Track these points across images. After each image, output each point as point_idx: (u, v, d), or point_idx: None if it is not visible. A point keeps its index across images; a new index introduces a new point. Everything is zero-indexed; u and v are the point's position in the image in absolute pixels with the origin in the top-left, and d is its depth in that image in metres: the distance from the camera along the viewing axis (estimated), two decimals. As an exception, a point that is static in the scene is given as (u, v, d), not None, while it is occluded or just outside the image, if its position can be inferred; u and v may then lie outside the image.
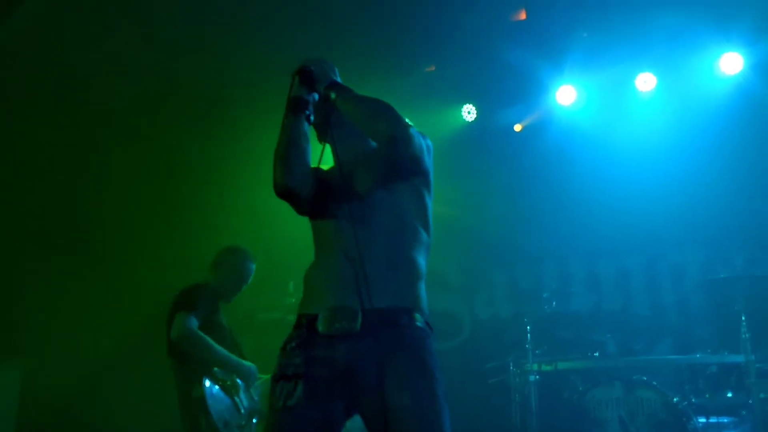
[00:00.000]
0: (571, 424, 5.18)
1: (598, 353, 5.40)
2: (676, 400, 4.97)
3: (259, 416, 4.36)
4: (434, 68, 6.76)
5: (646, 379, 5.11)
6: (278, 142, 2.53)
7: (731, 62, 6.03)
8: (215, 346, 4.18)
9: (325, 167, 2.71)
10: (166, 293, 4.49)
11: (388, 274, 2.43)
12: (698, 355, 5.13)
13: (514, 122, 6.89)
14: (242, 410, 4.25)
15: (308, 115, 2.55)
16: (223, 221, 6.41)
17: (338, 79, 2.60)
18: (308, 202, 2.58)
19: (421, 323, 2.43)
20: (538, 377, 5.36)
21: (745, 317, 4.94)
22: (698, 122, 6.11)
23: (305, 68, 2.54)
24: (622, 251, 6.57)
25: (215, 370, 4.23)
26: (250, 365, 4.36)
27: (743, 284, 5.02)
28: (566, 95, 6.53)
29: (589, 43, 6.19)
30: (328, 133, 2.66)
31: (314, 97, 2.58)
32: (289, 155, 2.51)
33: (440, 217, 3.15)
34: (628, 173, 6.25)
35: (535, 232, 6.56)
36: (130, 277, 6.10)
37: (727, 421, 5.02)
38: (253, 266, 4.62)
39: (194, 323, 4.13)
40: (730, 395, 5.00)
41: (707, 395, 5.02)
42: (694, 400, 5.02)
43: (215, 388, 4.15)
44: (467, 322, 6.94)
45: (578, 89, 6.53)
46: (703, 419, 4.98)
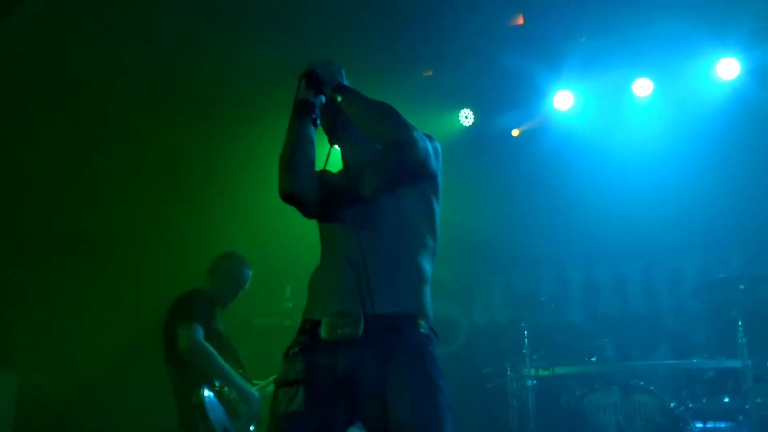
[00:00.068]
0: (568, 429, 5.18)
1: (595, 358, 5.40)
2: (673, 405, 4.97)
3: (257, 422, 4.35)
4: (432, 73, 6.76)
5: (643, 384, 5.11)
6: (284, 145, 2.51)
7: (728, 67, 6.05)
8: (222, 362, 4.15)
9: (334, 170, 2.70)
10: (163, 298, 4.47)
11: (391, 279, 2.39)
12: (695, 360, 5.14)
13: (511, 127, 6.89)
14: (241, 416, 4.24)
15: (314, 118, 2.53)
16: (220, 226, 6.41)
17: (345, 81, 2.58)
18: (314, 206, 2.56)
19: (425, 329, 2.39)
20: (535, 382, 5.36)
21: (741, 322, 4.95)
22: (695, 127, 6.13)
23: (312, 71, 2.53)
24: (619, 256, 6.58)
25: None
26: (253, 392, 4.31)
27: (740, 288, 5.02)
28: (563, 100, 6.53)
29: (586, 48, 6.20)
30: (335, 136, 2.64)
31: (321, 99, 2.56)
32: (294, 159, 2.49)
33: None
34: (625, 178, 6.26)
35: (532, 237, 6.57)
36: (127, 280, 6.10)
37: (724, 425, 5.03)
38: (249, 272, 4.61)
39: (200, 333, 4.10)
40: (727, 400, 5.00)
41: (704, 400, 5.02)
42: (691, 405, 5.02)
43: (213, 395, 4.14)
44: (464, 327, 6.93)
45: (575, 94, 6.54)
46: (700, 424, 4.98)
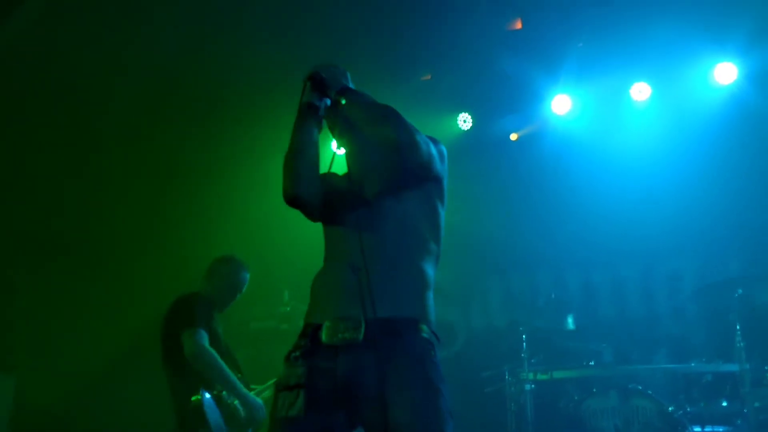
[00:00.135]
0: (566, 433, 5.19)
1: (593, 362, 5.40)
2: (671, 409, 4.97)
3: (254, 427, 4.34)
4: (430, 77, 6.77)
5: (641, 388, 5.11)
6: (288, 148, 2.52)
7: (725, 72, 6.04)
8: (227, 370, 4.14)
9: (340, 173, 2.70)
10: (161, 300, 4.47)
11: (392, 283, 2.39)
12: (693, 364, 5.14)
13: (509, 131, 6.89)
14: (239, 420, 4.23)
15: (319, 121, 2.55)
16: (219, 229, 6.40)
17: (351, 84, 2.58)
18: (318, 209, 2.55)
19: (426, 334, 2.37)
20: (533, 386, 5.36)
21: (739, 326, 4.95)
22: (693, 131, 6.13)
23: (316, 74, 2.54)
24: (617, 260, 6.58)
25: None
26: (257, 400, 4.30)
27: (738, 292, 5.03)
28: (561, 104, 6.53)
29: (584, 52, 6.21)
30: (339, 138, 2.65)
31: (326, 102, 2.57)
32: (298, 162, 2.50)
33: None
34: (623, 182, 6.26)
35: (530, 241, 6.56)
36: (125, 282, 6.09)
37: (722, 430, 5.03)
38: (246, 275, 4.60)
39: (206, 339, 4.10)
40: (725, 404, 5.00)
41: (702, 404, 5.03)
42: (689, 409, 5.02)
43: (212, 398, 4.13)
44: (462, 331, 6.93)
45: (573, 99, 6.54)
46: (698, 428, 4.98)
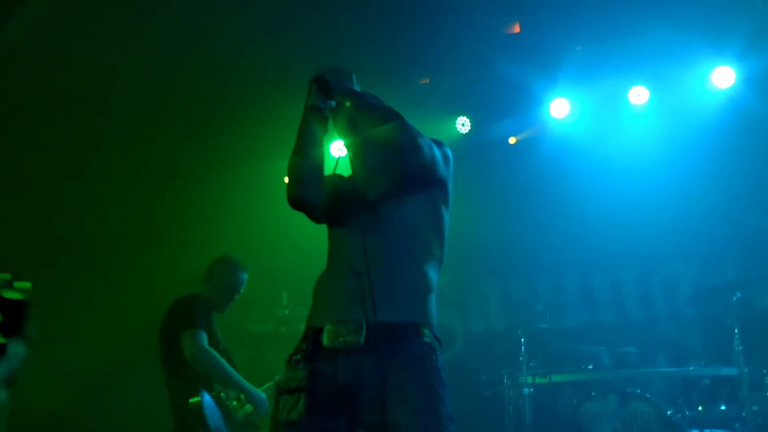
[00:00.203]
0: (565, 437, 5.17)
1: (592, 366, 5.39)
2: (670, 412, 4.96)
3: (251, 429, 4.33)
4: (429, 81, 6.78)
5: (640, 391, 5.10)
6: (293, 150, 2.52)
7: (723, 76, 6.05)
8: (228, 367, 4.14)
9: (346, 175, 2.70)
10: (159, 301, 4.48)
11: (395, 287, 2.38)
12: (692, 367, 5.13)
13: (508, 135, 6.89)
14: (236, 421, 4.23)
15: (324, 123, 2.55)
16: (218, 232, 6.40)
17: (356, 87, 2.59)
18: (322, 212, 2.56)
19: (428, 338, 2.37)
20: (532, 390, 5.34)
21: (738, 330, 4.94)
22: (691, 135, 6.14)
23: (322, 76, 2.54)
24: (615, 264, 6.58)
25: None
26: (261, 394, 4.31)
27: (736, 296, 5.02)
28: (560, 108, 6.54)
29: (582, 56, 6.22)
30: (344, 141, 2.67)
31: (331, 105, 2.58)
32: (302, 164, 2.50)
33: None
34: (621, 186, 6.26)
35: (529, 244, 6.56)
36: (123, 284, 6.08)
37: (720, 433, 5.03)
38: (245, 275, 4.61)
39: (205, 339, 4.11)
40: (723, 408, 5.00)
41: (701, 408, 5.02)
42: (687, 412, 5.01)
43: (211, 399, 4.13)
44: (461, 334, 6.92)
45: (572, 102, 6.54)
46: (696, 432, 4.98)
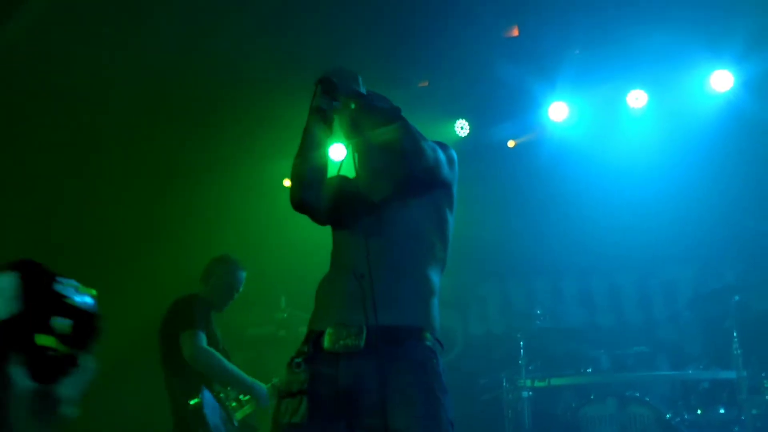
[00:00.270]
0: (564, 440, 5.17)
1: (591, 369, 5.39)
2: (669, 416, 4.96)
3: (249, 431, 4.33)
4: (427, 84, 6.78)
5: (639, 395, 5.10)
6: (297, 152, 2.52)
7: (722, 80, 6.05)
8: (228, 365, 4.14)
9: (351, 177, 2.70)
10: (158, 301, 4.48)
11: (397, 290, 2.38)
12: (691, 371, 5.15)
13: (506, 138, 6.89)
14: (235, 422, 4.22)
15: (328, 125, 2.55)
16: (217, 234, 6.39)
17: (362, 89, 2.57)
18: (325, 214, 2.56)
19: (430, 342, 2.36)
20: (531, 393, 5.34)
21: (736, 333, 4.95)
22: (689, 139, 6.15)
23: (327, 78, 2.53)
24: (614, 267, 6.58)
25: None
26: (263, 386, 4.30)
27: (735, 299, 5.03)
28: (558, 111, 6.53)
29: (581, 60, 6.22)
30: (349, 143, 2.66)
31: (336, 106, 2.57)
32: (306, 166, 2.50)
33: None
34: (620, 189, 6.27)
35: (528, 248, 6.56)
36: (122, 283, 6.06)
37: (719, 437, 5.02)
38: (243, 274, 4.61)
39: (204, 340, 4.11)
40: (722, 411, 5.00)
41: (700, 411, 5.02)
42: (686, 416, 5.01)
43: (211, 399, 4.12)
44: (460, 337, 6.91)
45: (570, 106, 6.54)
46: (696, 435, 4.98)
